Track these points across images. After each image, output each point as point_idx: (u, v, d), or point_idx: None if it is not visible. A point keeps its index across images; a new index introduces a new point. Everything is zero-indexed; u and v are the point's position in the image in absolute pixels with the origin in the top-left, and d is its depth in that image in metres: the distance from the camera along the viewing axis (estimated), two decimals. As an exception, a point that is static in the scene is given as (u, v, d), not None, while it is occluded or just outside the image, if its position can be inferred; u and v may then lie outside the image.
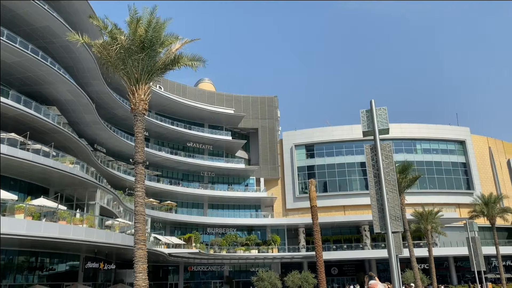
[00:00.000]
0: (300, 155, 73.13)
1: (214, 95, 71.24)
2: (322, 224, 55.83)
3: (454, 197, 70.23)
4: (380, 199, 9.57)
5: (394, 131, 69.06)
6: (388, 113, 10.66)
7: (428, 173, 70.49)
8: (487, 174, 76.94)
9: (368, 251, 61.62)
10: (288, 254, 62.14)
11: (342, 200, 68.25)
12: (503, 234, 70.33)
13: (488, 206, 51.75)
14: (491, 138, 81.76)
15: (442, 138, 73.91)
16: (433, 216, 47.17)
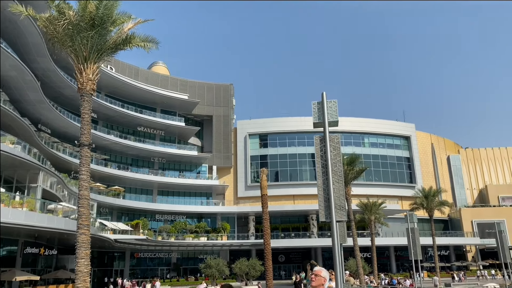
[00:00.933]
0: (254, 144, 73.56)
1: (168, 79, 69.72)
2: (272, 213, 56.70)
3: (397, 189, 73.71)
4: (326, 189, 9.80)
5: (344, 124, 71.17)
6: (338, 107, 10.89)
7: (374, 166, 73.38)
8: (429, 169, 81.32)
9: (314, 239, 63.43)
10: (237, 241, 62.64)
11: (292, 189, 69.60)
12: (440, 226, 74.93)
13: (427, 199, 54.82)
14: (434, 135, 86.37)
15: (389, 133, 77.06)
16: (377, 208, 49.25)
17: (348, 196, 41.32)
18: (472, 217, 75.48)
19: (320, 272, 5.42)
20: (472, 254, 73.45)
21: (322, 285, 5.38)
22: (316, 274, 5.42)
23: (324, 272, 5.45)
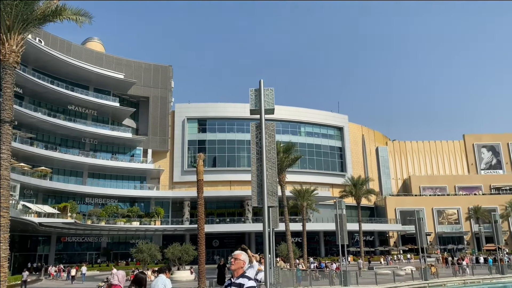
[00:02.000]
0: (192, 128, 72.63)
1: (103, 56, 66.38)
2: (208, 198, 56.63)
3: (329, 177, 76.83)
4: (260, 175, 9.95)
5: (282, 113, 72.45)
6: (277, 95, 11.05)
7: (309, 155, 75.77)
8: (359, 159, 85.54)
9: (249, 224, 64.44)
10: (171, 226, 61.95)
11: (230, 175, 69.91)
12: (366, 213, 79.42)
13: (356, 187, 57.80)
14: (365, 127, 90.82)
15: (323, 123, 79.75)
16: (309, 194, 51.05)
17: (283, 182, 42.34)
18: (396, 205, 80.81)
19: (239, 255, 5.50)
20: (394, 240, 78.82)
21: (241, 268, 5.46)
22: (235, 258, 5.49)
23: (243, 255, 5.54)
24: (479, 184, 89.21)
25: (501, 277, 38.90)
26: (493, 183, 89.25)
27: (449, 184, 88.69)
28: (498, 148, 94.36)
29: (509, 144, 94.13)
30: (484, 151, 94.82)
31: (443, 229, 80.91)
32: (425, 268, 35.53)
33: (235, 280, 5.39)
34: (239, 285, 5.31)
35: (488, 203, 79.38)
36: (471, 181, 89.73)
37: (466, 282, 37.13)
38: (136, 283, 6.51)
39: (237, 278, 5.39)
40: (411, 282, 34.09)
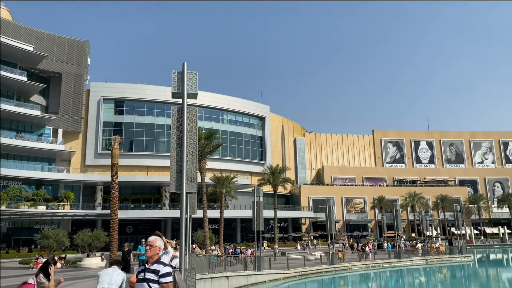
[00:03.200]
0: (108, 109, 69.00)
1: (10, 25, 60.10)
2: (123, 183, 54.54)
3: (249, 165, 78.12)
4: (179, 161, 9.75)
5: (206, 100, 71.81)
6: (201, 81, 10.86)
7: (231, 142, 76.24)
8: (278, 148, 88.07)
9: (166, 211, 63.37)
10: (81, 211, 58.74)
11: (147, 160, 67.89)
12: (282, 200, 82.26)
13: (274, 176, 59.52)
14: (285, 118, 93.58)
15: (246, 112, 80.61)
16: (229, 182, 51.51)
17: (203, 169, 42.16)
18: (309, 194, 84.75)
19: (154, 242, 5.42)
20: (306, 226, 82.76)
21: (157, 254, 5.39)
22: (151, 245, 5.39)
23: (159, 241, 5.47)
24: (384, 176, 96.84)
25: (398, 261, 42.84)
26: (396, 175, 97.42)
27: (358, 175, 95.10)
28: (402, 143, 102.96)
29: (411, 140, 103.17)
30: (390, 146, 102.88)
31: (350, 217, 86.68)
32: (332, 253, 37.83)
33: (150, 266, 5.28)
34: (154, 271, 5.21)
35: (391, 193, 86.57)
36: (377, 173, 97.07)
37: (368, 266, 40.29)
38: (43, 270, 6.09)
39: (152, 264, 5.29)
40: (319, 266, 36.14)
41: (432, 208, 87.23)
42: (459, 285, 35.10)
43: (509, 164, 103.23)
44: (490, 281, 37.48)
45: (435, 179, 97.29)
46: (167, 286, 5.15)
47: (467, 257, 48.59)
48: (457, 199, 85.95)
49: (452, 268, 43.88)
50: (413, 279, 37.72)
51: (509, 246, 74.31)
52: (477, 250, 65.43)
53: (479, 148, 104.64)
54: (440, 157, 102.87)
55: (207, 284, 25.00)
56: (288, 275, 32.25)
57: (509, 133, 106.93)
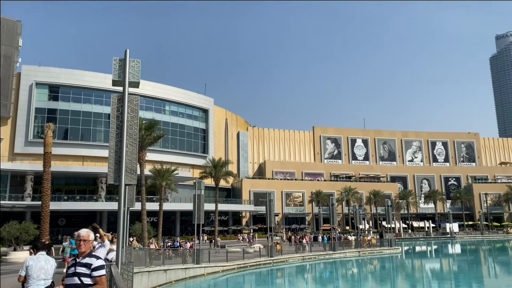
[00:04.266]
0: (41, 95, 64.88)
1: None
2: (56, 173, 51.78)
3: (191, 158, 77.24)
4: (118, 151, 9.44)
5: (147, 89, 69.86)
6: (144, 70, 10.56)
7: (172, 134, 74.86)
8: (221, 142, 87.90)
9: (101, 203, 61.04)
10: (8, 202, 54.84)
11: (83, 150, 64.83)
12: (223, 194, 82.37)
13: (216, 169, 59.32)
14: (228, 112, 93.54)
15: (189, 104, 79.50)
16: (169, 174, 50.56)
17: (142, 161, 41.08)
18: (251, 187, 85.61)
19: (87, 236, 5.29)
20: (246, 219, 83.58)
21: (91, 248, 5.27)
22: (84, 239, 5.24)
23: (91, 235, 5.35)
24: (322, 171, 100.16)
25: (333, 253, 44.64)
26: (333, 171, 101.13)
27: (298, 170, 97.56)
28: (339, 140, 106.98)
29: (348, 138, 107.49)
30: (328, 143, 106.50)
31: (289, 210, 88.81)
32: (271, 246, 38.60)
33: (81, 260, 5.12)
34: (86, 264, 5.06)
35: (328, 188, 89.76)
36: (316, 168, 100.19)
37: (305, 258, 41.61)
38: None
39: (83, 258, 5.13)
40: (258, 259, 36.73)
41: (365, 203, 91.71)
42: (388, 275, 37.30)
43: (436, 163, 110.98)
44: (415, 271, 40.24)
45: (369, 175, 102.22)
46: (100, 279, 5.01)
47: (395, 249, 51.72)
48: (388, 194, 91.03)
49: (382, 260, 46.50)
50: (346, 270, 39.52)
51: (433, 239, 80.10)
52: (405, 243, 69.85)
53: (410, 147, 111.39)
54: (374, 155, 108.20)
55: (144, 277, 24.52)
56: (227, 267, 32.45)
57: (436, 133, 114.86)
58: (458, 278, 35.18)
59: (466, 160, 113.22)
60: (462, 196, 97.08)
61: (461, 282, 32.81)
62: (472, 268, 41.89)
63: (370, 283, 32.36)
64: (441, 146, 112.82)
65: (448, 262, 50.12)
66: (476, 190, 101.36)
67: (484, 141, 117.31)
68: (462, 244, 71.71)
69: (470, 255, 57.44)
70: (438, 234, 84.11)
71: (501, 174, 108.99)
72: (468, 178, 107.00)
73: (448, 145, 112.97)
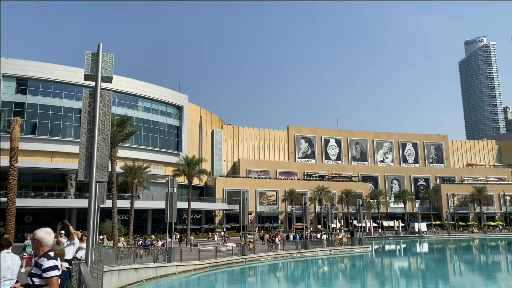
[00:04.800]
0: (8, 88, 62.58)
1: None
2: (23, 169, 50.13)
3: (164, 156, 76.28)
4: (90, 147, 9.20)
5: (120, 84, 68.53)
6: (117, 64, 10.31)
7: (145, 131, 73.73)
8: (195, 139, 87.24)
9: (71, 200, 59.53)
10: (-29, 199, 52.71)
11: (52, 145, 62.99)
12: (197, 192, 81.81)
13: (189, 167, 58.83)
14: (203, 109, 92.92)
15: (163, 100, 78.49)
16: (141, 171, 49.79)
17: (114, 157, 40.31)
18: (224, 186, 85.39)
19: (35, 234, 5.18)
20: (219, 218, 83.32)
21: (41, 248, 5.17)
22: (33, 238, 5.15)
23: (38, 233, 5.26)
24: (296, 170, 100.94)
25: (305, 252, 45.08)
26: (306, 170, 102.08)
27: (272, 169, 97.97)
28: (313, 140, 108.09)
29: (322, 137, 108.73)
30: (302, 142, 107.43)
31: (262, 209, 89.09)
32: (244, 244, 38.62)
33: (37, 260, 5.06)
34: (38, 265, 4.98)
35: (301, 187, 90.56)
36: (290, 167, 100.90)
37: (277, 256, 41.85)
38: None
39: (39, 258, 5.05)
40: (231, 257, 36.68)
41: (337, 202, 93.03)
42: (358, 274, 37.96)
43: (406, 164, 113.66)
44: (384, 270, 41.12)
45: (341, 175, 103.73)
46: (50, 281, 4.87)
47: (366, 248, 52.73)
48: (359, 194, 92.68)
49: (352, 258, 47.29)
50: (317, 269, 39.99)
51: (402, 238, 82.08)
52: (375, 242, 71.27)
53: (381, 148, 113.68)
54: (346, 155, 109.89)
55: (114, 276, 24.07)
56: (199, 266, 32.26)
57: (407, 135, 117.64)
58: (425, 276, 36.18)
59: (435, 161, 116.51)
60: (430, 197, 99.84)
61: (428, 280, 33.75)
62: (438, 267, 43.15)
63: (340, 281, 32.86)
64: (411, 147, 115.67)
65: (416, 260, 51.47)
66: (444, 191, 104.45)
67: (452, 143, 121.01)
68: (429, 243, 73.77)
69: (437, 254, 59.15)
70: (407, 233, 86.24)
71: (467, 176, 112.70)
72: (436, 179, 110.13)
73: (418, 147, 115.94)
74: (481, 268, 41.58)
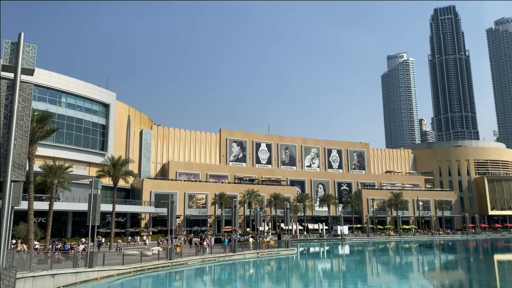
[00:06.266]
0: None
1: None
2: None
3: (87, 155, 72.49)
4: (6, 144, 8.52)
5: (41, 77, 64.25)
6: (39, 56, 9.64)
7: (68, 128, 69.65)
8: (122, 139, 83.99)
9: (-21, 201, 54.33)
10: None
11: (-42, 140, 57.13)
12: (122, 194, 78.74)
13: (115, 168, 56.44)
14: (132, 108, 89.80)
15: (89, 97, 74.69)
16: (62, 171, 46.82)
17: (32, 156, 37.54)
18: (152, 188, 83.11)
19: None
20: (146, 221, 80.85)
21: None
22: None
23: None
24: (227, 173, 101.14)
25: (233, 255, 45.29)
26: (237, 173, 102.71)
27: (202, 172, 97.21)
28: (245, 144, 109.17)
29: (253, 141, 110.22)
30: (234, 145, 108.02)
31: (191, 212, 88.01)
32: (171, 248, 37.90)
33: None
34: None
35: (232, 190, 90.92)
36: (221, 171, 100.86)
37: (205, 260, 41.58)
38: None
39: None
40: (157, 262, 35.81)
41: (266, 205, 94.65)
42: (284, 275, 38.93)
43: (331, 169, 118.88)
44: (308, 271, 42.59)
45: (271, 179, 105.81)
46: None
47: (292, 250, 54.22)
48: (287, 197, 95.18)
49: (278, 260, 48.39)
50: (244, 271, 40.35)
51: (325, 240, 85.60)
52: (300, 244, 73.59)
53: (309, 153, 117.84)
54: (276, 159, 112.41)
55: (28, 283, 22.41)
56: (123, 271, 31.08)
57: (333, 142, 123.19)
58: (345, 276, 38.05)
59: (357, 167, 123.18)
60: (352, 201, 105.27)
61: (348, 280, 35.54)
62: (358, 267, 45.61)
63: (266, 283, 33.47)
64: (336, 154, 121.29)
65: (338, 262, 53.98)
66: (365, 196, 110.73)
67: (373, 151, 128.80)
68: (350, 245, 77.75)
69: (357, 256, 62.49)
70: (330, 236, 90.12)
71: (386, 182, 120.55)
72: (358, 184, 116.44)
73: (342, 153, 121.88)
74: (395, 268, 44.65)
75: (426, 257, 61.53)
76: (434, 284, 32.65)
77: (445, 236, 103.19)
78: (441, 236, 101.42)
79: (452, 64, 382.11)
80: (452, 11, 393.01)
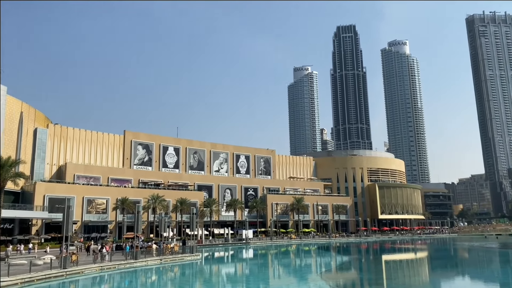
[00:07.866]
0: None
1: None
2: None
3: (-32, 154, 64.35)
4: None
5: None
6: None
7: None
8: (12, 137, 76.23)
9: None
10: None
11: None
12: (10, 198, 71.30)
13: (3, 169, 50.96)
14: (26, 104, 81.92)
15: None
16: None
17: None
18: (46, 192, 76.60)
19: None
20: (37, 228, 74.10)
21: None
22: None
23: None
24: (131, 177, 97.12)
25: (134, 262, 43.55)
26: (142, 177, 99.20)
27: (104, 175, 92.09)
28: (151, 147, 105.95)
29: (160, 145, 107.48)
30: (139, 148, 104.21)
31: (90, 218, 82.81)
32: (65, 256, 35.27)
33: None
34: None
35: (135, 195, 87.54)
36: (124, 174, 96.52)
37: (104, 268, 39.35)
38: None
39: None
40: (48, 271, 33.06)
41: (171, 211, 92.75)
42: (186, 281, 38.41)
43: (238, 174, 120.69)
44: (212, 276, 42.60)
45: (178, 183, 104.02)
46: None
47: (196, 255, 53.76)
48: (194, 202, 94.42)
49: (182, 266, 47.63)
50: (145, 279, 39.01)
51: (230, 244, 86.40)
52: (205, 249, 73.32)
53: (217, 158, 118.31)
54: (184, 163, 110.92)
55: None
56: (7, 283, 28.08)
57: (241, 147, 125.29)
58: (248, 280, 38.80)
59: (263, 173, 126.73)
60: (257, 205, 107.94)
61: (250, 283, 36.28)
62: (260, 271, 46.80)
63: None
64: (244, 159, 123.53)
65: (242, 265, 54.83)
66: (270, 200, 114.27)
67: (279, 157, 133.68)
68: (254, 249, 79.48)
69: (260, 259, 64.09)
70: (235, 240, 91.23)
71: (289, 187, 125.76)
72: (264, 189, 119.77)
73: (250, 159, 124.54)
74: (295, 271, 46.70)
75: (324, 259, 65.35)
76: (330, 284, 34.78)
77: (341, 238, 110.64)
78: (337, 239, 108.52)
79: (351, 79, 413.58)
80: (353, 29, 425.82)
